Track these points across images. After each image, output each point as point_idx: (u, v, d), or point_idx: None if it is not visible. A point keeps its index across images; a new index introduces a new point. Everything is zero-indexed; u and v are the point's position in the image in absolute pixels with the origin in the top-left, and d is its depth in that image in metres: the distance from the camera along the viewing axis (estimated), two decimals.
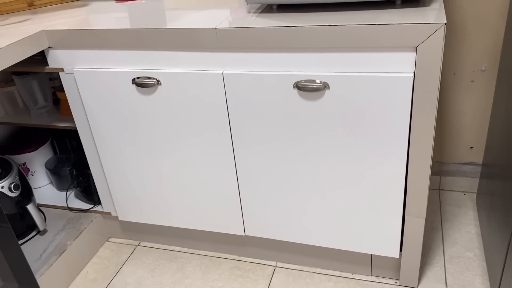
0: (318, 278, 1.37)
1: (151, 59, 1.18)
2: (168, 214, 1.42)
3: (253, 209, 1.31)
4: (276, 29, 1.03)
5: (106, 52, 1.21)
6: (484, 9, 1.35)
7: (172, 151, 1.29)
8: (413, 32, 0.94)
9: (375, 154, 1.10)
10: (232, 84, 1.13)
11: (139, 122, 1.27)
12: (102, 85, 1.25)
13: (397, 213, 1.17)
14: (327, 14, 1.07)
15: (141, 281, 1.43)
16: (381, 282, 1.33)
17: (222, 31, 1.07)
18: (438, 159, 1.65)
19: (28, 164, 1.64)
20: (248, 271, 1.42)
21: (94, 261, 1.52)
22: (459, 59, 1.45)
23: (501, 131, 1.24)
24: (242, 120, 1.17)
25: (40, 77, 1.51)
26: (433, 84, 0.99)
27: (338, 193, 1.19)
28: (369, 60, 1.01)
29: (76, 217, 1.54)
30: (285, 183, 1.23)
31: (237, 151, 1.22)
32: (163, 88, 1.19)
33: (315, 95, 1.07)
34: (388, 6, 1.07)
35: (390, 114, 1.04)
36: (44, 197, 1.63)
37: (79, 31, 1.19)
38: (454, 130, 1.57)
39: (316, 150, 1.15)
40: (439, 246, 1.43)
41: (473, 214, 1.55)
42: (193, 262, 1.48)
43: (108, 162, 1.39)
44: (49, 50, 1.25)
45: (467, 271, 1.33)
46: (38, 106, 1.52)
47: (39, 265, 1.35)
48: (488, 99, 1.48)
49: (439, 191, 1.67)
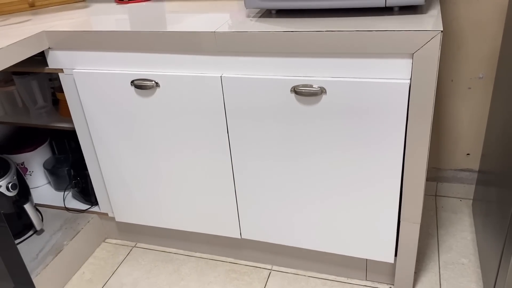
0: (313, 282, 1.37)
1: (150, 61, 1.18)
2: (164, 216, 1.43)
3: (250, 212, 1.31)
4: (274, 34, 1.04)
5: (105, 54, 1.22)
6: (482, 17, 1.36)
7: (170, 153, 1.30)
8: (409, 39, 0.95)
9: (371, 159, 1.11)
10: (230, 88, 1.13)
11: (137, 124, 1.28)
12: (101, 86, 1.25)
13: (393, 218, 1.17)
14: (325, 19, 1.08)
15: (137, 282, 1.43)
16: (375, 287, 1.33)
17: (221, 34, 1.08)
18: (435, 165, 1.65)
19: (26, 163, 1.64)
20: (243, 274, 1.43)
21: (90, 261, 1.53)
22: (456, 66, 1.46)
23: (497, 138, 1.25)
24: (239, 124, 1.18)
25: (40, 78, 1.51)
26: (429, 90, 0.99)
27: (334, 197, 1.20)
28: (366, 66, 1.02)
29: (73, 218, 1.54)
30: (282, 187, 1.23)
31: (234, 154, 1.23)
32: (162, 91, 1.20)
33: (312, 100, 1.08)
34: (386, 13, 1.08)
35: (386, 119, 1.05)
36: (42, 197, 1.64)
37: (79, 32, 1.19)
38: (451, 136, 1.58)
39: (312, 155, 1.16)
40: (434, 252, 1.44)
41: (469, 220, 1.55)
42: (189, 264, 1.49)
43: (106, 163, 1.39)
44: (49, 51, 1.26)
45: (461, 277, 1.34)
46: (37, 106, 1.53)
47: (35, 265, 1.35)
48: (485, 106, 1.49)
49: (435, 197, 1.68)
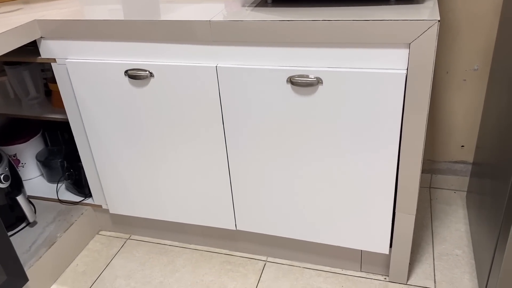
0: (308, 273, 1.37)
1: (145, 51, 1.17)
2: (159, 208, 1.42)
3: (245, 203, 1.31)
4: (270, 23, 1.03)
5: (99, 43, 1.20)
6: (477, 8, 1.36)
7: (164, 144, 1.29)
8: (406, 29, 0.95)
9: (366, 150, 1.11)
10: (226, 78, 1.12)
11: (131, 114, 1.27)
12: (94, 76, 1.24)
13: (388, 209, 1.18)
14: (321, 9, 1.07)
15: (131, 274, 1.42)
16: (370, 278, 1.34)
17: (216, 24, 1.06)
18: (430, 157, 1.66)
19: (19, 155, 1.63)
20: (238, 265, 1.43)
21: (84, 253, 1.52)
22: (452, 58, 1.46)
23: (491, 130, 1.25)
24: (235, 114, 1.17)
25: (32, 68, 1.49)
26: (425, 80, 0.99)
27: (329, 188, 1.20)
28: (363, 56, 1.01)
29: (67, 210, 1.53)
30: (277, 178, 1.23)
31: (230, 145, 1.22)
32: (156, 81, 1.19)
33: (308, 90, 1.08)
34: (383, 3, 1.08)
35: (382, 110, 1.05)
36: (35, 189, 1.62)
37: (72, 21, 1.18)
38: (445, 128, 1.58)
39: (308, 146, 1.15)
40: (429, 243, 1.44)
41: (463, 212, 1.56)
42: (183, 256, 1.48)
43: (100, 154, 1.38)
44: (41, 40, 1.24)
45: (455, 268, 1.35)
46: (29, 97, 1.51)
47: (28, 257, 1.34)
48: (480, 98, 1.49)
49: (430, 189, 1.68)
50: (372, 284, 1.32)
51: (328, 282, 1.33)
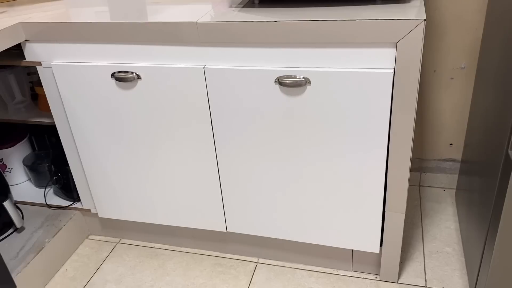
0: (300, 274, 1.37)
1: (131, 53, 1.16)
2: (148, 211, 1.41)
3: (235, 205, 1.30)
4: (257, 24, 1.02)
5: (85, 46, 1.19)
6: (464, 7, 1.37)
7: (153, 147, 1.28)
8: (393, 28, 0.95)
9: (355, 149, 1.11)
10: (214, 79, 1.12)
11: (119, 117, 1.26)
12: (81, 79, 1.23)
13: (377, 208, 1.18)
14: (308, 9, 1.07)
15: (122, 278, 1.41)
16: (361, 277, 1.34)
17: (203, 25, 1.06)
18: (418, 156, 1.67)
19: (5, 160, 1.60)
20: (229, 267, 1.42)
21: (73, 258, 1.50)
22: (439, 57, 1.46)
23: (479, 128, 1.26)
24: (223, 115, 1.16)
25: (17, 71, 1.47)
26: (413, 79, 0.99)
27: (319, 188, 1.20)
28: (350, 56, 1.01)
29: (55, 214, 1.51)
30: (267, 179, 1.23)
31: (219, 147, 1.22)
32: (143, 83, 1.18)
33: (297, 91, 1.07)
34: (369, 3, 1.08)
35: (371, 109, 1.05)
36: (22, 194, 1.60)
37: (57, 24, 1.16)
38: (434, 127, 1.59)
39: (297, 146, 1.15)
40: (419, 241, 1.45)
41: (452, 209, 1.57)
42: (174, 259, 1.47)
43: (88, 158, 1.37)
44: (26, 43, 1.23)
45: (446, 265, 1.35)
46: (15, 101, 1.49)
47: (16, 263, 1.32)
48: (467, 96, 1.50)
49: (419, 187, 1.69)
50: (364, 284, 1.32)
51: (320, 282, 1.33)
